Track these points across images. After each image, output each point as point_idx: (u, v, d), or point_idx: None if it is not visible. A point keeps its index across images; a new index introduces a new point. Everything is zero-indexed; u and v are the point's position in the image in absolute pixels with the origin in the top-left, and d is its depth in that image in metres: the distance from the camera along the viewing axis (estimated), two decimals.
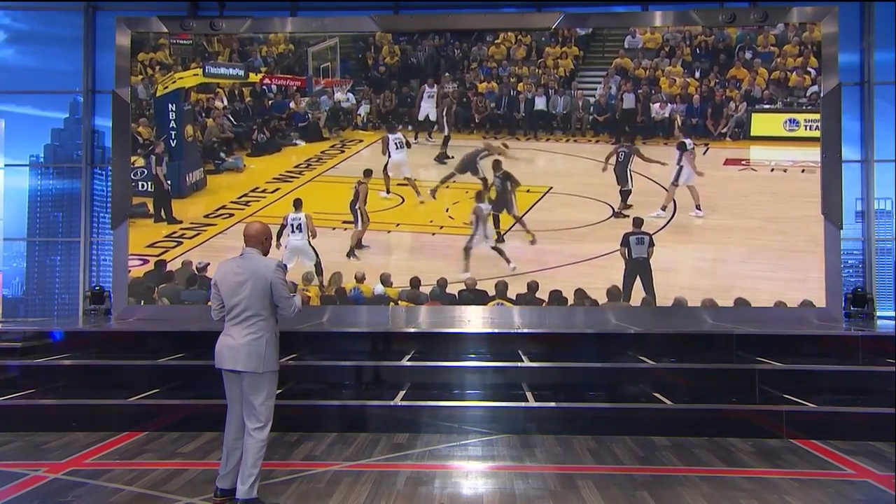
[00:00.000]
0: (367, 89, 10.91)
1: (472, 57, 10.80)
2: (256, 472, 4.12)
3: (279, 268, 4.25)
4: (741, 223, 10.13)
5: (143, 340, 8.12)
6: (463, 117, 10.75)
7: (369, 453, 5.58)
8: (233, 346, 4.16)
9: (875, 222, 11.25)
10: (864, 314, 10.26)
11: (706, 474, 5.04)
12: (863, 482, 4.91)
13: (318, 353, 7.70)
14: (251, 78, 10.87)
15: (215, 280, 4.30)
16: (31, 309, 14.36)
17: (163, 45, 10.83)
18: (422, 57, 10.81)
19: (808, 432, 6.06)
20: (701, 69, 10.42)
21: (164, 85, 10.78)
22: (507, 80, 10.73)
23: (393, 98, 10.82)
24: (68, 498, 4.52)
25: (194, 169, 10.78)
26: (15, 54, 12.50)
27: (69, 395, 6.80)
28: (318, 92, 10.90)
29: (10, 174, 13.22)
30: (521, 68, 10.71)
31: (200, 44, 10.85)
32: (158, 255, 10.49)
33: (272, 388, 4.26)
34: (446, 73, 10.81)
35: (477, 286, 10.15)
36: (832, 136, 10.11)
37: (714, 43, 10.43)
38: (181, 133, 10.71)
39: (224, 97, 10.87)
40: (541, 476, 4.99)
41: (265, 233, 4.37)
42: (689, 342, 7.76)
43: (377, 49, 10.91)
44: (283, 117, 10.93)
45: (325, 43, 10.87)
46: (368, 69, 10.89)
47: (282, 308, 4.25)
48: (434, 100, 10.70)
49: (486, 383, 7.01)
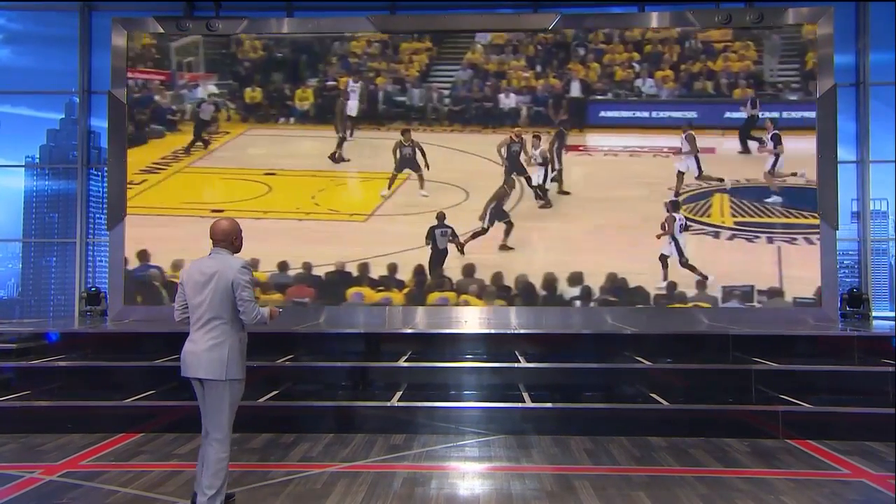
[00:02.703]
0: (232, 83, 11.01)
1: (333, 52, 10.98)
2: (219, 485, 3.89)
3: (244, 269, 4.00)
4: (583, 203, 10.57)
5: (140, 342, 8.10)
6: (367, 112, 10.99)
7: (366, 454, 5.58)
8: (195, 353, 3.96)
9: (871, 223, 11.29)
10: (859, 314, 10.27)
11: (702, 475, 5.04)
12: (858, 482, 4.92)
13: (314, 354, 7.71)
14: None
15: (181, 279, 4.10)
16: (27, 310, 14.34)
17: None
18: (286, 52, 10.98)
19: (804, 432, 6.07)
20: (541, 64, 10.85)
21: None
22: (365, 75, 10.97)
23: (260, 92, 10.99)
24: (63, 500, 4.51)
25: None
26: (10, 54, 12.47)
27: (65, 396, 6.78)
28: (182, 85, 10.95)
29: (6, 175, 13.20)
30: (380, 63, 10.99)
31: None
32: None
33: (235, 397, 4.02)
34: (327, 68, 10.97)
35: (345, 268, 10.47)
36: (828, 136, 10.13)
37: (552, 39, 10.87)
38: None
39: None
40: (537, 477, 4.99)
41: (234, 231, 4.12)
42: (685, 343, 7.79)
43: (240, 44, 11.00)
44: (147, 111, 10.92)
45: (188, 38, 10.96)
46: (234, 63, 10.99)
47: (242, 312, 3.97)
48: (357, 94, 10.88)
49: (483, 384, 7.01)
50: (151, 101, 10.90)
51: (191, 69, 10.96)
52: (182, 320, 4.13)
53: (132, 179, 10.75)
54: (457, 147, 10.81)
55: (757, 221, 10.27)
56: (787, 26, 10.38)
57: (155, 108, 10.90)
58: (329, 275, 10.49)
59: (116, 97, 10.69)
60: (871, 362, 7.06)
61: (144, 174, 10.80)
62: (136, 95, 10.87)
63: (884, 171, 11.18)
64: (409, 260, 10.46)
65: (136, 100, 10.87)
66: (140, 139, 10.89)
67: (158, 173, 10.84)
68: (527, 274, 10.36)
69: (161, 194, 10.72)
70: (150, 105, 10.90)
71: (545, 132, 10.64)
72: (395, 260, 10.44)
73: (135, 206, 10.62)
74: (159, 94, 10.90)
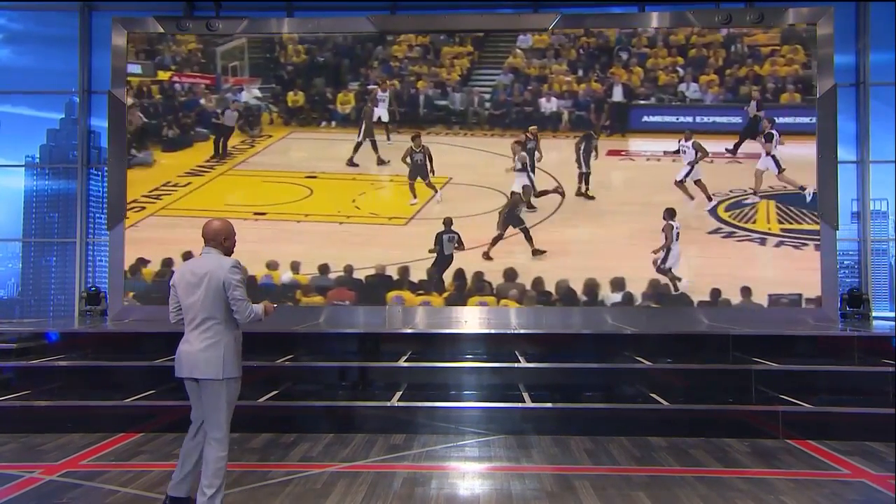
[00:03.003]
0: (275, 87, 11.07)
1: (375, 56, 10.99)
2: (218, 484, 3.88)
3: (234, 268, 3.98)
4: (625, 207, 10.49)
5: (140, 341, 8.09)
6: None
7: (366, 454, 5.58)
8: (190, 353, 3.95)
9: (871, 223, 11.29)
10: (859, 315, 10.28)
11: (702, 475, 5.04)
12: (858, 482, 4.92)
13: (314, 354, 7.70)
14: (160, 76, 10.98)
15: (173, 281, 4.09)
16: (27, 310, 14.35)
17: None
18: (328, 56, 11.01)
19: (804, 433, 6.07)
20: (584, 68, 10.83)
21: None
22: (407, 79, 10.98)
23: (302, 96, 11.04)
24: (63, 500, 4.50)
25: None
26: (10, 54, 12.48)
27: (65, 396, 6.77)
28: (227, 89, 11.02)
29: (6, 175, 13.21)
30: (421, 67, 10.99)
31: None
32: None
33: (232, 396, 4.02)
34: (368, 72, 11.01)
35: (385, 272, 10.43)
36: (828, 137, 10.14)
37: (595, 44, 10.85)
38: None
39: (133, 93, 10.95)
40: (537, 477, 4.99)
41: (225, 231, 4.11)
42: (685, 342, 7.78)
43: (283, 48, 11.05)
44: (192, 114, 11.00)
45: (233, 42, 11.03)
46: (277, 67, 11.06)
47: (235, 311, 3.97)
48: (386, 102, 10.91)
49: (483, 384, 7.01)
50: (197, 104, 10.97)
51: (236, 73, 11.05)
52: (177, 322, 4.12)
53: (177, 182, 10.85)
54: (497, 151, 10.76)
55: (804, 229, 10.20)
56: (790, 26, 10.37)
57: (200, 112, 10.98)
58: (369, 278, 10.47)
59: (116, 97, 10.69)
60: (872, 362, 7.05)
61: (189, 176, 10.89)
62: (183, 99, 10.98)
63: (884, 172, 11.19)
64: (452, 264, 10.41)
65: (183, 103, 10.98)
66: (185, 142, 10.99)
67: (202, 175, 10.91)
68: (568, 279, 10.28)
69: (205, 197, 10.77)
70: (196, 108, 10.97)
71: (573, 135, 10.64)
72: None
73: (179, 208, 10.67)
74: (205, 98, 10.96)
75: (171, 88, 10.98)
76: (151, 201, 10.79)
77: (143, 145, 10.92)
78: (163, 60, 10.97)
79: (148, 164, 10.90)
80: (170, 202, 10.76)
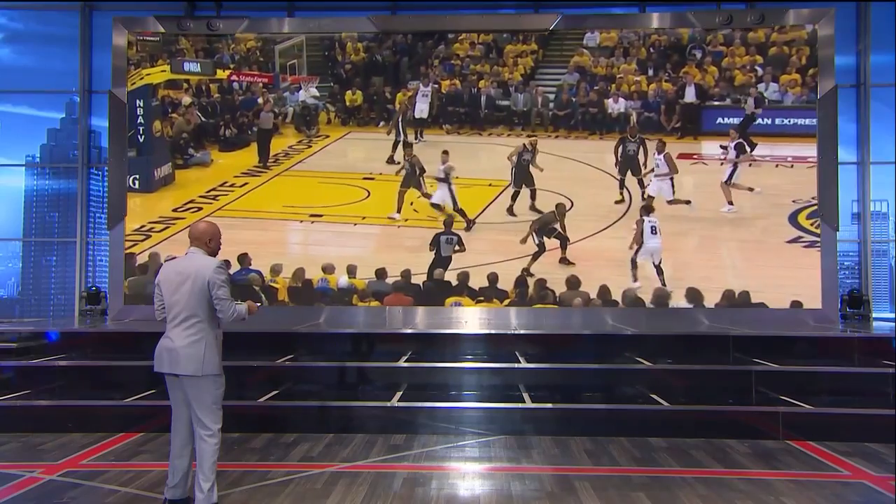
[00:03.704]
0: (332, 86, 10.98)
1: (436, 54, 10.84)
2: (213, 478, 4.02)
3: (219, 268, 4.08)
4: (695, 213, 10.24)
5: (140, 341, 8.04)
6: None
7: (366, 454, 5.58)
8: (171, 349, 4.05)
9: (871, 224, 11.29)
10: (859, 316, 10.27)
11: (703, 475, 5.04)
12: (858, 483, 4.92)
13: (314, 354, 7.70)
14: (219, 74, 10.91)
15: (158, 280, 4.20)
16: (27, 309, 14.33)
17: (131, 42, 10.82)
18: (387, 54, 10.87)
19: (804, 433, 6.07)
20: (654, 67, 10.56)
21: (131, 81, 10.79)
22: (468, 78, 10.81)
23: (360, 95, 10.92)
24: (64, 499, 4.51)
25: (162, 164, 10.82)
26: (11, 54, 12.48)
27: (65, 395, 6.78)
28: (285, 88, 10.95)
29: (6, 174, 13.19)
30: (483, 66, 10.81)
31: (168, 40, 10.84)
32: (127, 249, 10.57)
33: (217, 392, 4.10)
34: (428, 71, 10.84)
35: (443, 278, 10.26)
36: (828, 137, 10.14)
37: (667, 41, 10.57)
38: (149, 129, 10.77)
39: (192, 92, 10.91)
40: (537, 477, 4.99)
41: (210, 232, 4.21)
42: (685, 343, 7.78)
43: (342, 46, 10.95)
44: (251, 113, 10.95)
45: (291, 40, 10.94)
46: (335, 66, 10.94)
47: (219, 310, 4.07)
48: (428, 98, 10.73)
49: (483, 384, 7.01)
50: (255, 103, 10.89)
51: (294, 71, 10.95)
52: (163, 319, 4.21)
53: (234, 182, 10.76)
54: (562, 154, 10.52)
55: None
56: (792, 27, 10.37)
57: (258, 111, 10.90)
58: (427, 283, 10.29)
59: (117, 97, 10.69)
60: (872, 363, 7.05)
61: (245, 177, 10.81)
62: (241, 97, 10.90)
63: (884, 173, 11.18)
64: (510, 270, 10.20)
65: (241, 102, 10.90)
66: (243, 142, 10.91)
67: (259, 176, 10.82)
68: (635, 288, 10.02)
69: (261, 197, 10.68)
70: (254, 107, 10.89)
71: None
72: (496, 269, 10.19)
73: (236, 209, 10.57)
74: (262, 97, 10.87)
75: (229, 87, 10.89)
76: (208, 202, 10.68)
77: (200, 145, 10.85)
78: (221, 58, 10.88)
79: (205, 163, 10.84)
80: (226, 202, 10.64)
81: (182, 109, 10.89)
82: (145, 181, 10.74)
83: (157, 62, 10.84)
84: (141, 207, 10.72)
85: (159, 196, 10.79)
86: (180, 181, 10.87)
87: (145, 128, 10.77)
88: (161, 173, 10.83)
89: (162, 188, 10.82)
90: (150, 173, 10.77)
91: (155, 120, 10.76)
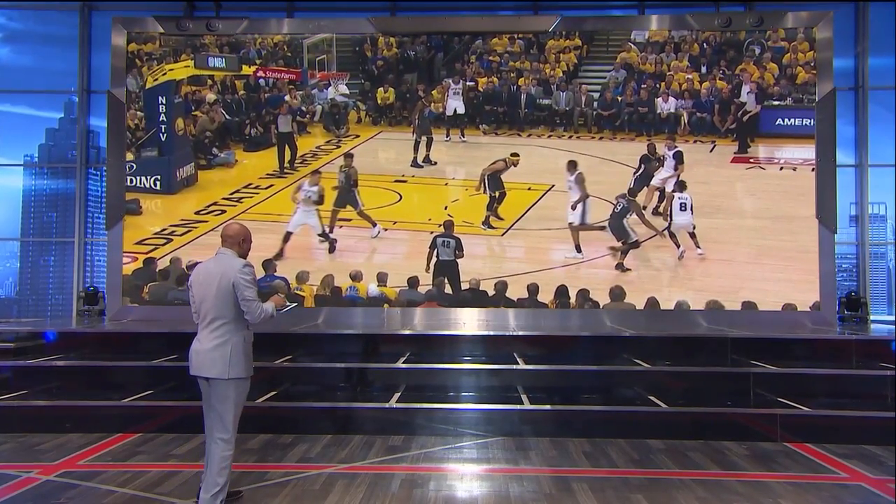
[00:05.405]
0: (363, 83, 10.59)
1: (472, 50, 10.38)
2: (222, 483, 3.98)
3: (244, 268, 4.05)
4: (748, 223, 9.86)
5: (138, 341, 8.08)
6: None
7: (364, 455, 5.57)
8: (199, 352, 4.04)
9: (869, 226, 11.31)
10: (857, 318, 10.28)
11: (701, 477, 5.04)
12: (856, 485, 4.92)
13: (313, 355, 7.69)
14: (244, 70, 10.62)
15: (189, 282, 4.20)
16: (25, 309, 14.34)
17: (153, 37, 10.66)
18: (420, 50, 10.45)
19: (802, 436, 6.07)
20: (707, 64, 10.04)
21: (153, 76, 10.52)
22: (507, 75, 10.36)
23: (392, 93, 10.50)
24: (61, 500, 4.50)
25: (185, 164, 10.51)
26: (10, 53, 12.47)
27: (63, 396, 6.76)
28: (313, 85, 10.62)
29: (4, 174, 13.17)
30: (523, 62, 10.36)
31: (192, 35, 10.72)
32: (148, 253, 10.31)
33: (240, 396, 4.08)
34: (464, 67, 10.49)
35: (480, 286, 9.94)
36: (826, 140, 10.15)
37: (722, 37, 10.07)
38: (171, 126, 10.45)
39: (217, 89, 10.65)
40: (536, 479, 4.99)
41: (243, 234, 4.21)
42: (683, 345, 7.78)
43: (373, 41, 10.62)
44: (277, 111, 10.62)
45: (320, 35, 10.56)
46: (366, 62, 10.54)
47: (245, 311, 4.03)
48: (460, 95, 10.34)
49: (481, 385, 7.00)
50: (281, 100, 10.50)
51: (323, 68, 10.51)
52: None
53: (258, 184, 10.36)
54: (606, 157, 10.01)
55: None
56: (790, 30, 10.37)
57: (278, 114, 10.55)
58: (462, 293, 9.82)
59: (116, 97, 10.67)
60: (870, 366, 7.05)
61: (270, 178, 10.39)
62: (267, 94, 10.49)
63: (882, 175, 11.20)
64: (551, 280, 9.74)
65: (267, 99, 10.51)
66: (268, 141, 10.51)
67: (285, 178, 10.40)
68: (687, 300, 9.61)
69: (286, 200, 10.25)
70: (280, 104, 10.49)
71: (692, 140, 9.79)
72: (535, 279, 9.76)
73: (260, 212, 10.17)
74: (289, 94, 10.47)
75: (255, 83, 10.53)
76: (232, 204, 10.31)
77: (224, 144, 10.47)
78: (248, 53, 10.52)
79: (230, 164, 10.48)
80: (250, 205, 10.24)
81: (206, 107, 10.54)
82: (166, 182, 10.37)
83: (181, 57, 10.52)
84: (162, 209, 10.41)
85: (181, 198, 10.43)
86: (203, 182, 10.52)
87: (167, 126, 10.42)
88: (183, 174, 10.47)
89: (184, 189, 10.45)
90: (171, 174, 10.39)
91: (177, 117, 10.43)
